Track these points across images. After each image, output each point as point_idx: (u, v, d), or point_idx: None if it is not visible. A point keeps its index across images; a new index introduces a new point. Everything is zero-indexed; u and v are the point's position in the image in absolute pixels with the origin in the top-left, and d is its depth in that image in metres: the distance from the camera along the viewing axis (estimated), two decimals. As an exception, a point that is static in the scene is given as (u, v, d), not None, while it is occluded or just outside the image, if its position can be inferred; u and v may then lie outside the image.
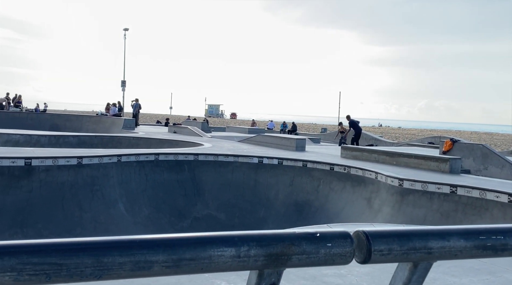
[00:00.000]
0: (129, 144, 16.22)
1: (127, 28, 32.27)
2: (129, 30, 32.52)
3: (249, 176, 11.44)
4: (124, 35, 32.42)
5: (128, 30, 32.36)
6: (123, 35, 32.39)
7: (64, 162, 9.16)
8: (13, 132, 16.90)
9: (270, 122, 36.11)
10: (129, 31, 32.50)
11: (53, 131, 22.27)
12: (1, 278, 0.83)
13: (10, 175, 8.55)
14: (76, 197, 9.16)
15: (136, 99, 27.48)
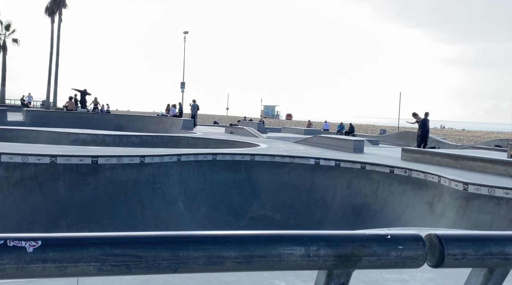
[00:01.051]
0: (187, 144, 16.68)
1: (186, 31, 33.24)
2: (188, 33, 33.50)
3: (305, 177, 11.37)
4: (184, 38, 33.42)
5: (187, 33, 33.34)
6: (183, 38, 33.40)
7: (127, 160, 9.58)
8: (80, 131, 17.94)
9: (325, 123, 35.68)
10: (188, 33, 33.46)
11: (117, 130, 23.42)
12: (86, 267, 0.89)
13: (78, 173, 9.08)
14: (138, 194, 9.56)
15: (194, 100, 28.23)
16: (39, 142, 15.45)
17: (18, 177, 8.61)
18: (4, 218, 8.25)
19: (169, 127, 24.76)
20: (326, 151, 13.82)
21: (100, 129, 21.95)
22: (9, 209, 8.37)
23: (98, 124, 26.40)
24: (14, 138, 16.09)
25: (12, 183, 8.56)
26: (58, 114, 28.14)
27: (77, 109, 30.35)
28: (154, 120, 28.03)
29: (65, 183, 8.82)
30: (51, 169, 8.79)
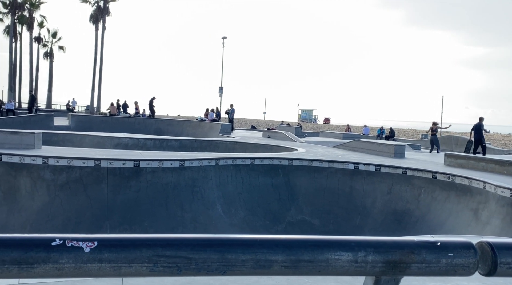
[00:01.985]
0: (226, 148, 16.83)
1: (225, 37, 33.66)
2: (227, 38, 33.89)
3: (344, 182, 11.21)
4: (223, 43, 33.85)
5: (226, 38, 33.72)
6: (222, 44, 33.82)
7: (168, 164, 9.78)
8: (123, 135, 18.48)
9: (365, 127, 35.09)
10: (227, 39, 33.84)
11: (157, 135, 23.96)
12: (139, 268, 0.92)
13: (121, 176, 9.35)
14: (178, 197, 9.73)
15: (231, 105, 28.48)
16: (83, 146, 16.04)
17: (64, 179, 8.97)
18: (50, 219, 8.61)
19: (208, 132, 25.08)
20: (366, 156, 13.58)
21: (141, 133, 22.54)
22: (56, 210, 8.72)
23: (139, 128, 27.13)
24: (60, 142, 16.78)
25: (59, 186, 8.92)
26: (102, 119, 29.14)
27: (119, 114, 31.32)
28: (193, 124, 28.49)
29: (108, 185, 9.11)
30: (95, 172, 9.10)
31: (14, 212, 8.72)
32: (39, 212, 8.71)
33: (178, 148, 16.88)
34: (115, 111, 30.98)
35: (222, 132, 23.40)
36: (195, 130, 26.94)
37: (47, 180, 8.92)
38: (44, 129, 19.40)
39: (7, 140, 10.08)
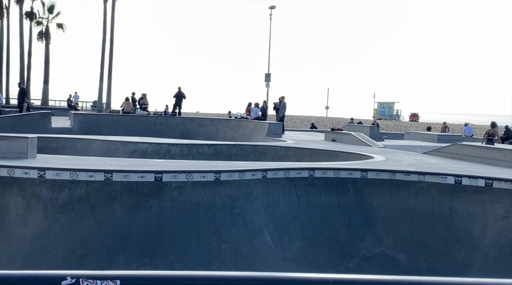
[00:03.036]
0: (275, 155, 16.87)
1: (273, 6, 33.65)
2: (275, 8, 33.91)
3: (441, 202, 10.95)
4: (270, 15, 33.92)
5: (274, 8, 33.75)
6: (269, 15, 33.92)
7: (199, 177, 9.93)
8: (140, 140, 18.96)
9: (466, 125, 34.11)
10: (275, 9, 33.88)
11: (184, 138, 24.48)
12: None
13: (138, 193, 9.58)
14: (213, 222, 9.85)
15: (282, 98, 28.49)
16: (90, 154, 16.60)
17: (66, 198, 9.30)
18: (48, 251, 8.95)
19: (251, 133, 25.25)
20: (472, 165, 13.19)
21: (164, 137, 23.07)
22: (55, 239, 9.06)
23: (161, 130, 27.78)
24: (60, 149, 17.43)
25: (59, 206, 9.27)
26: (113, 118, 30.08)
27: (135, 111, 32.18)
28: (231, 124, 28.79)
29: (122, 206, 9.36)
30: (105, 188, 9.38)
31: (1, 242, 9.13)
32: (33, 241, 9.06)
33: (211, 156, 17.10)
34: (130, 108, 31.86)
35: (270, 134, 23.50)
36: (234, 131, 27.21)
37: (44, 199, 9.28)
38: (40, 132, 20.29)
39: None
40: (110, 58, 46.51)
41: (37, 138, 11.38)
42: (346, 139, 21.39)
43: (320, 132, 29.77)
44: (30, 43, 54.79)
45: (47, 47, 55.96)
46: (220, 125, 29.11)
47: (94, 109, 45.15)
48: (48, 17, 56.94)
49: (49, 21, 56.92)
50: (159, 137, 22.17)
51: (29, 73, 54.37)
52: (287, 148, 17.63)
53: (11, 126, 24.51)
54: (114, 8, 46.37)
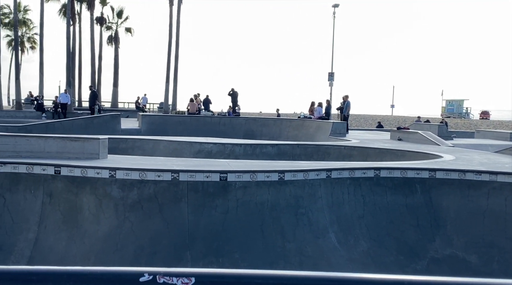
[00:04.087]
0: (339, 155, 16.73)
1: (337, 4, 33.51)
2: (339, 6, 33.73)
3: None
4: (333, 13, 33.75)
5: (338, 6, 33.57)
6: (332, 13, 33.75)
7: (263, 177, 9.98)
8: (205, 140, 19.26)
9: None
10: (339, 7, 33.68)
11: (247, 138, 24.68)
12: None
13: (204, 192, 9.72)
14: (277, 221, 9.88)
15: (346, 96, 28.27)
16: (157, 154, 17.03)
17: (135, 197, 9.57)
18: (119, 249, 9.24)
19: (314, 133, 25.15)
20: (547, 164, 12.62)
21: (227, 137, 23.34)
22: (125, 237, 9.34)
23: (225, 130, 28.12)
24: (129, 150, 17.98)
25: (129, 205, 9.54)
26: (179, 119, 30.73)
27: (200, 112, 32.75)
28: (294, 124, 28.78)
29: (189, 205, 9.53)
30: (172, 188, 9.58)
31: (76, 239, 9.50)
32: (105, 239, 9.39)
33: (275, 155, 17.15)
34: (195, 109, 32.45)
35: (334, 133, 23.33)
36: (297, 131, 27.19)
37: (114, 199, 9.60)
38: (110, 133, 21.02)
39: (66, 148, 11.02)
40: (175, 61, 47.49)
41: (107, 139, 11.76)
42: (413, 138, 20.94)
43: (386, 131, 29.28)
44: (100, 48, 56.79)
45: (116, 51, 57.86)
46: (284, 125, 29.15)
47: (161, 110, 46.21)
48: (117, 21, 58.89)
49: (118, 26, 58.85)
50: (223, 138, 22.45)
51: (99, 76, 56.37)
52: (351, 148, 17.44)
53: (83, 127, 25.48)
54: (179, 11, 47.33)
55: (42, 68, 45.10)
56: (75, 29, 53.24)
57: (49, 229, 9.72)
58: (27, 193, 10.00)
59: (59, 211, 9.80)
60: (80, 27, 55.64)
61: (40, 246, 9.56)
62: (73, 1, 50.75)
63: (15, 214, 9.88)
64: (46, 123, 26.75)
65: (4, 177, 10.01)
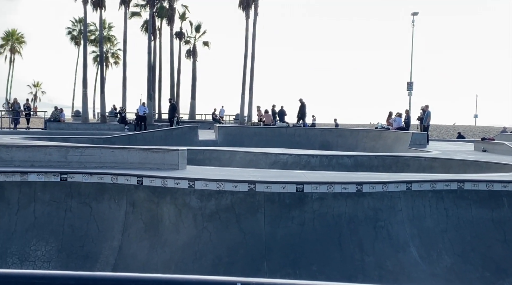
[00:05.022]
0: (419, 167, 16.29)
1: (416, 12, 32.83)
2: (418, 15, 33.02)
3: None
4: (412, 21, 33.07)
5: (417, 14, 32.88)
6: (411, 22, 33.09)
7: (340, 189, 9.86)
8: (280, 151, 19.31)
9: None
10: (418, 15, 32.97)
11: (323, 149, 24.49)
12: None
13: (280, 203, 9.73)
14: (356, 234, 9.71)
15: (426, 106, 27.56)
16: (233, 164, 17.23)
17: (213, 207, 9.71)
18: (198, 258, 9.39)
19: (393, 144, 24.64)
20: None
21: (303, 148, 23.25)
22: (204, 246, 9.48)
23: (300, 141, 28.06)
24: (207, 161, 18.33)
25: (207, 215, 9.70)
26: (254, 130, 30.99)
27: (275, 123, 32.91)
28: (372, 134, 28.32)
29: (265, 216, 9.56)
30: (249, 199, 9.65)
31: (157, 248, 9.75)
32: (185, 248, 9.57)
33: (352, 167, 16.93)
34: (270, 120, 32.63)
35: (414, 144, 22.76)
36: (374, 142, 26.73)
37: (193, 208, 9.78)
38: (188, 145, 21.49)
39: (148, 159, 11.38)
40: (251, 73, 48.02)
41: (186, 150, 12.03)
42: (498, 149, 20.04)
43: (469, 142, 28.23)
44: (179, 61, 58.41)
45: (194, 64, 59.31)
46: (360, 135, 28.74)
47: (237, 122, 46.81)
48: (195, 36, 60.39)
49: (196, 40, 60.34)
50: (298, 148, 22.40)
51: (178, 89, 57.92)
52: (432, 159, 16.93)
53: (163, 139, 26.23)
54: (255, 24, 47.91)
55: (125, 82, 46.96)
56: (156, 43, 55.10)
57: (132, 238, 10.04)
58: (111, 202, 10.39)
59: (141, 220, 10.11)
60: (161, 42, 57.54)
61: (124, 254, 9.89)
62: (154, 17, 52.59)
63: (101, 223, 10.29)
64: (128, 135, 27.74)
65: (90, 187, 10.46)
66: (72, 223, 10.33)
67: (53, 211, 10.41)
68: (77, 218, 10.36)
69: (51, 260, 10.01)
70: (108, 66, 78.23)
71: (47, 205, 10.43)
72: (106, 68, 73.29)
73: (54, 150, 11.55)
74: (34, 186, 10.43)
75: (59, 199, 10.45)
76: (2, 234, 10.12)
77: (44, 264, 9.91)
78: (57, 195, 10.47)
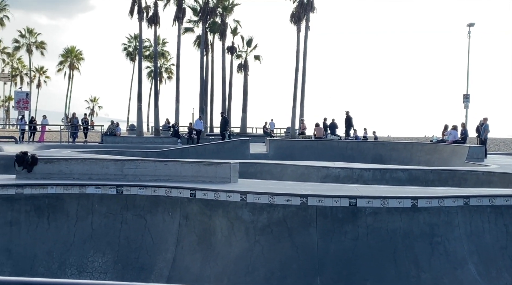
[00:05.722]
0: (477, 181, 15.85)
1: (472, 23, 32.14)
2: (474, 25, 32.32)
3: None
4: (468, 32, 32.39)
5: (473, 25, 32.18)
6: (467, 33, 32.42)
7: (394, 203, 9.69)
8: (332, 164, 19.16)
9: None
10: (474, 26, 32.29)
11: (376, 163, 24.14)
12: None
13: (332, 218, 9.63)
14: (411, 250, 9.50)
15: (485, 119, 26.90)
16: (284, 178, 17.19)
17: (265, 221, 9.71)
18: (250, 271, 9.39)
19: (449, 158, 24.07)
20: None
21: (355, 161, 23.02)
22: (256, 260, 9.48)
23: (352, 154, 27.77)
24: (258, 174, 18.36)
25: (259, 229, 9.70)
26: (305, 144, 30.90)
27: (326, 136, 32.74)
28: (426, 148, 27.74)
29: (318, 230, 9.49)
30: (301, 213, 9.60)
31: (210, 261, 9.81)
32: (237, 261, 9.59)
33: (406, 181, 16.62)
34: (322, 134, 32.50)
35: (471, 158, 22.15)
36: (429, 156, 26.17)
37: (245, 222, 9.81)
38: (240, 158, 21.59)
39: (200, 172, 11.50)
40: (302, 86, 48.01)
41: (238, 163, 12.10)
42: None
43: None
44: (231, 75, 59.04)
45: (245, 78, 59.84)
46: (414, 149, 28.18)
47: (287, 135, 46.79)
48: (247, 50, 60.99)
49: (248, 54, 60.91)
50: (350, 162, 22.17)
51: (229, 103, 58.52)
52: (491, 173, 16.43)
53: (215, 152, 26.48)
54: (306, 37, 47.98)
55: (178, 96, 47.78)
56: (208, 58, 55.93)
57: (185, 250, 10.14)
58: (165, 215, 10.55)
59: (194, 233, 10.21)
60: (213, 57, 58.38)
61: (178, 266, 10.00)
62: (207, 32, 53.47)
63: (155, 235, 10.45)
64: (181, 148, 28.15)
65: (145, 199, 10.65)
66: (128, 235, 10.53)
67: (109, 223, 10.66)
68: (132, 230, 10.57)
69: (108, 271, 10.23)
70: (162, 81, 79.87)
71: (104, 217, 10.69)
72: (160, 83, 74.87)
73: (110, 164, 11.84)
74: (92, 199, 10.71)
75: (115, 211, 10.69)
76: (61, 245, 10.42)
77: (100, 275, 10.14)
78: (113, 207, 10.71)
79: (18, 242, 10.31)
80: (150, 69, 75.17)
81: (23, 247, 10.29)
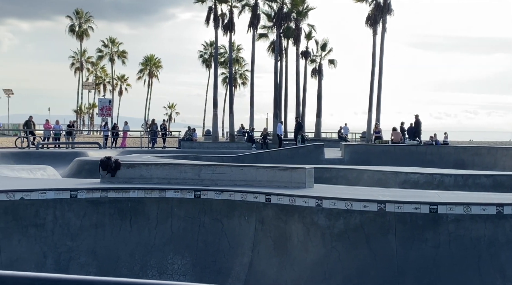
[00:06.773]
0: None
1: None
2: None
3: None
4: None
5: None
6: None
7: (478, 210, 9.34)
8: (411, 170, 18.67)
9: None
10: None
11: (457, 168, 23.32)
12: None
13: (412, 225, 9.41)
14: (497, 259, 9.11)
15: None
16: (361, 184, 16.94)
17: (342, 227, 9.62)
18: (327, 277, 9.33)
19: (536, 163, 22.90)
20: None
21: (435, 167, 22.30)
22: (333, 266, 9.41)
23: (432, 160, 26.97)
24: (333, 179, 18.19)
25: (335, 235, 9.62)
26: (382, 149, 30.29)
27: (404, 141, 31.98)
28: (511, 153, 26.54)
29: (397, 237, 9.29)
30: (379, 219, 9.44)
31: (286, 266, 9.83)
32: (313, 267, 9.56)
33: (490, 187, 15.96)
34: (399, 138, 31.78)
35: (561, 162, 20.97)
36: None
37: (321, 227, 9.75)
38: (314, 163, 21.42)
39: (275, 177, 11.54)
40: (378, 90, 47.21)
41: (313, 168, 12.05)
42: None
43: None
44: (305, 80, 58.97)
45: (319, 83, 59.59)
46: (499, 153, 27.00)
47: (363, 140, 46.13)
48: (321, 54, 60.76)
49: (322, 58, 60.66)
50: (430, 167, 21.52)
51: (303, 107, 58.41)
52: None
53: (289, 157, 26.48)
54: (383, 40, 47.16)
55: (253, 102, 48.31)
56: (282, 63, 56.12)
57: (261, 255, 10.22)
58: (241, 219, 10.68)
59: (270, 238, 10.26)
60: (287, 62, 58.55)
61: (254, 271, 10.09)
62: (281, 37, 53.68)
63: (232, 239, 10.60)
64: (256, 153, 28.39)
65: (222, 203, 10.83)
66: (205, 239, 10.74)
67: (188, 226, 10.91)
68: (209, 234, 10.77)
69: (187, 273, 10.47)
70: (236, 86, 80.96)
71: (182, 221, 10.95)
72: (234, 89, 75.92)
73: (188, 168, 12.12)
74: (171, 202, 11.01)
75: (193, 215, 10.93)
76: (143, 247, 10.77)
77: (180, 277, 10.39)
78: (191, 211, 10.96)
79: (103, 243, 10.75)
80: (225, 75, 76.36)
81: (107, 248, 10.72)
